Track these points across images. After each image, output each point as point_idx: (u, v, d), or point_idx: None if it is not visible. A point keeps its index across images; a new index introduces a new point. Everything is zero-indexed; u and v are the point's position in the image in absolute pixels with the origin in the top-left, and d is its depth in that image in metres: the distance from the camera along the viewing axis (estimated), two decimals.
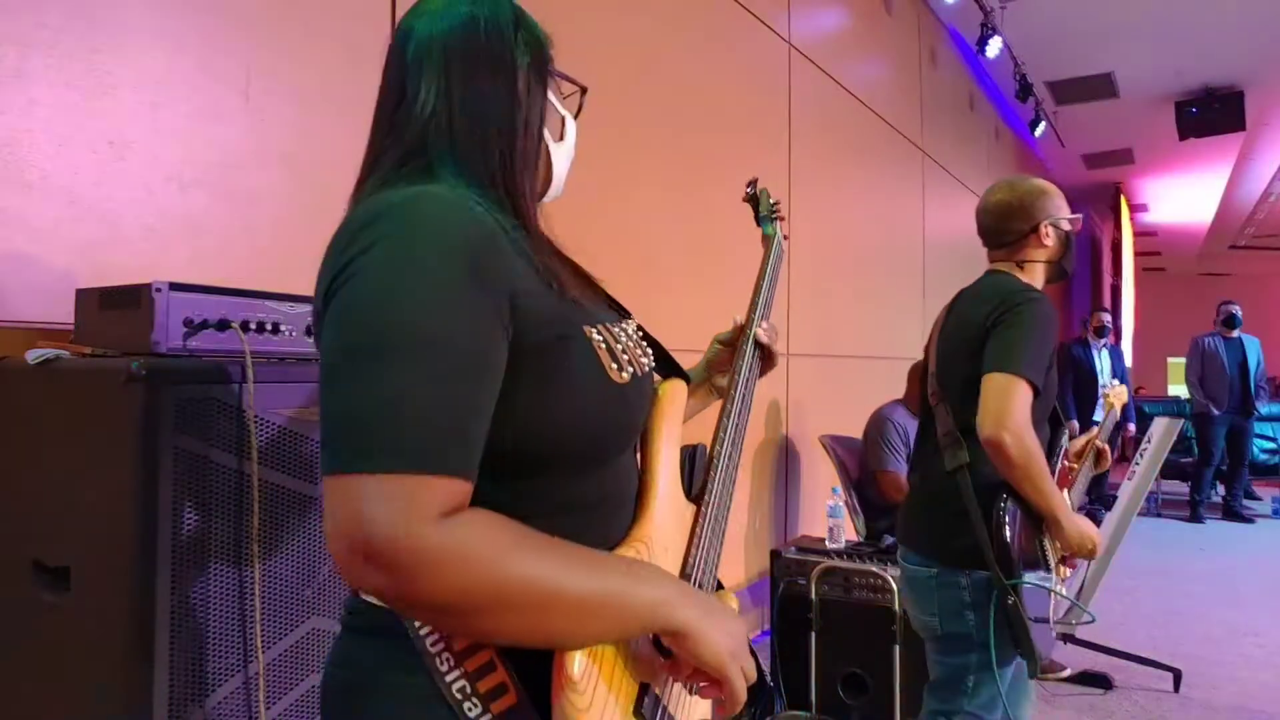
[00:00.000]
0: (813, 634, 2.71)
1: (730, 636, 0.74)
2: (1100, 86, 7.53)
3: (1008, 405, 1.58)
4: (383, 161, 0.79)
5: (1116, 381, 2.43)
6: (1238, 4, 5.87)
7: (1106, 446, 2.04)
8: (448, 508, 0.63)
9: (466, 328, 0.66)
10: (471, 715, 0.69)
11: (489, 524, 0.66)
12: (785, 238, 1.31)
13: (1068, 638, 3.40)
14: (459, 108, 0.78)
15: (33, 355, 1.27)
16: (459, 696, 0.69)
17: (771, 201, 1.34)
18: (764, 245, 1.27)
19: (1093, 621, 1.83)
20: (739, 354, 1.06)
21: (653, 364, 0.90)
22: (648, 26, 3.13)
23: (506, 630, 0.66)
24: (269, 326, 1.30)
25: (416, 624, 0.70)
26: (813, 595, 2.73)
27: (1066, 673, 3.35)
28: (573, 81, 0.92)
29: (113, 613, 1.12)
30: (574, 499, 0.77)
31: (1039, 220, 1.82)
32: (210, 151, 1.77)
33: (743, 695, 0.75)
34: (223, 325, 1.24)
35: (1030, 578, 1.63)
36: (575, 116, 0.93)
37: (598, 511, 0.79)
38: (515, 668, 0.70)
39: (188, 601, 1.12)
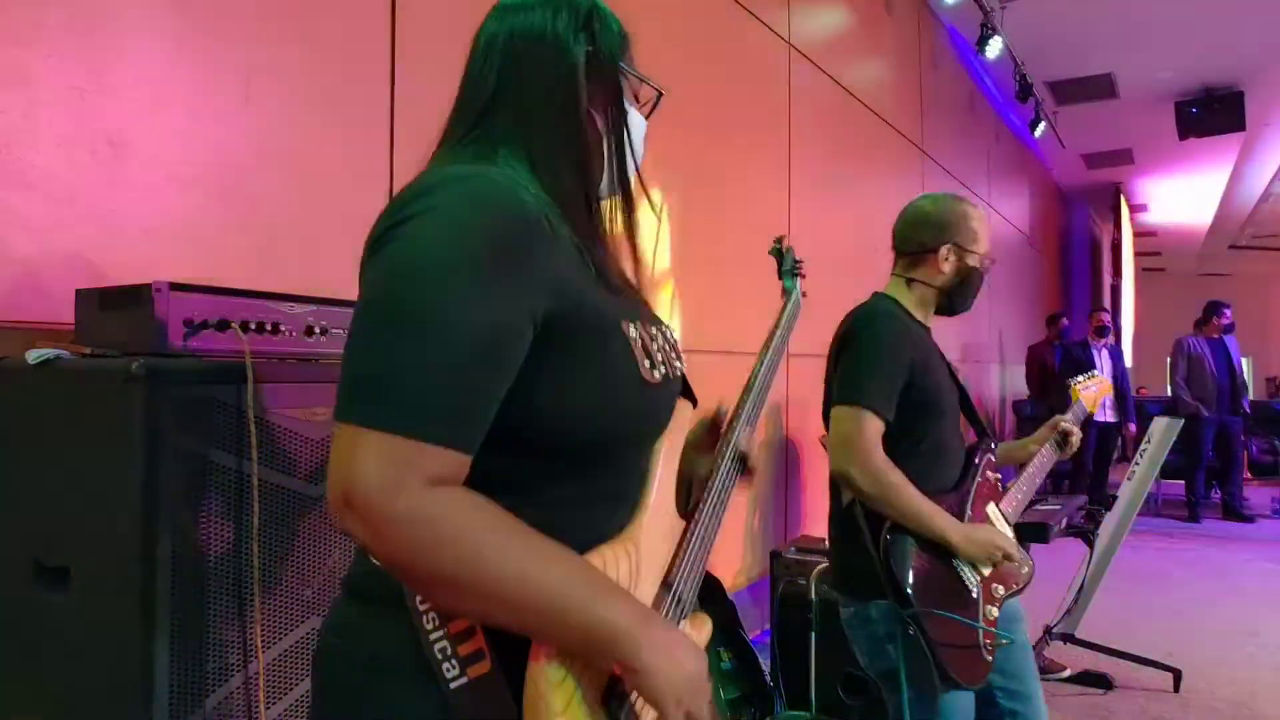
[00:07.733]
0: (813, 634, 2.71)
1: (684, 679, 0.73)
2: (1100, 86, 7.53)
3: (852, 438, 1.56)
4: (453, 133, 0.84)
5: (1097, 373, 2.26)
6: (1238, 4, 5.87)
7: (1072, 433, 1.87)
8: (436, 477, 0.65)
9: (489, 310, 0.68)
10: (450, 676, 0.70)
11: (468, 504, 0.67)
12: (804, 294, 1.35)
13: (1068, 638, 3.40)
14: (512, 93, 0.83)
15: (33, 355, 1.26)
16: (440, 656, 0.71)
17: (795, 259, 1.39)
18: (783, 298, 1.32)
19: (1010, 643, 1.67)
20: (720, 453, 0.99)
21: (683, 370, 0.90)
22: (647, 26, 3.12)
23: (458, 607, 0.70)
24: (269, 326, 1.30)
25: None
26: (813, 595, 2.72)
27: (1066, 673, 3.35)
28: (649, 84, 0.92)
29: (113, 613, 1.12)
30: (580, 490, 0.78)
31: (945, 240, 1.73)
32: (210, 151, 1.77)
33: None
34: (223, 325, 1.24)
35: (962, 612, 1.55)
36: (647, 118, 0.94)
37: (599, 507, 0.80)
38: (491, 637, 0.71)
39: (188, 601, 1.12)
